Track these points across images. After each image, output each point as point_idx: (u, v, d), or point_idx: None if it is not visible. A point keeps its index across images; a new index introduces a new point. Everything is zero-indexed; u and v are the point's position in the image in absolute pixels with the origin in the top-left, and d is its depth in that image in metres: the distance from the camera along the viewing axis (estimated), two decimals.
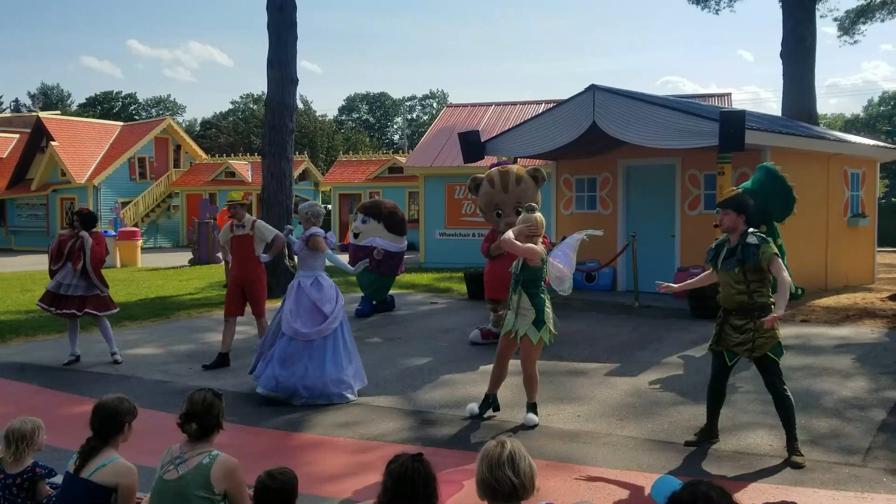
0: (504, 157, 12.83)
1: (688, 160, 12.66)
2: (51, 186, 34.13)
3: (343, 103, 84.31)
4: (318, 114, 68.74)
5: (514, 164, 10.89)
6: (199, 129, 69.70)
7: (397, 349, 9.17)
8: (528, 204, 6.58)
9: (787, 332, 8.09)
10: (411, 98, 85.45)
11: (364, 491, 4.70)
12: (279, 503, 3.32)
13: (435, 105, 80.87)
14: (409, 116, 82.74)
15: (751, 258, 5.12)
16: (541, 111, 14.63)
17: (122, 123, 39.87)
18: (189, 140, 38.95)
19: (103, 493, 3.54)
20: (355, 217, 12.08)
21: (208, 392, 3.66)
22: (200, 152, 39.18)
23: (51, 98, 73.75)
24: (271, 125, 15.01)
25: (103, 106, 72.76)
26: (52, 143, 33.08)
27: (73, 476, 3.58)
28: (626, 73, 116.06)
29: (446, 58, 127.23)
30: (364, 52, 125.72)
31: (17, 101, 76.19)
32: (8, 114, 55.08)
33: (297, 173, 32.27)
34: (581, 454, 5.41)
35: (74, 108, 71.19)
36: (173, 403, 6.61)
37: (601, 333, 9.91)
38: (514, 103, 23.31)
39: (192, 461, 3.48)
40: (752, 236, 5.25)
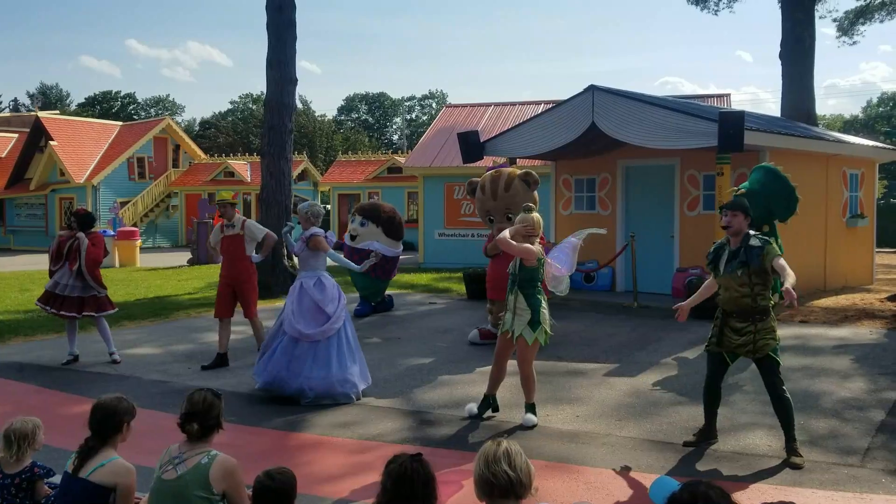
0: (501, 160, 12.82)
1: (687, 161, 12.67)
2: (50, 186, 34.10)
3: (342, 103, 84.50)
4: (317, 114, 68.72)
5: (512, 165, 10.89)
6: (198, 128, 69.68)
7: (396, 349, 9.17)
8: (525, 204, 6.58)
9: (785, 332, 8.09)
10: (410, 98, 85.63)
11: (362, 491, 4.70)
12: (278, 503, 3.32)
13: (434, 105, 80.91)
14: (408, 116, 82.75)
15: (755, 259, 5.13)
16: (540, 111, 14.63)
17: (120, 123, 39.81)
18: (188, 140, 38.93)
19: (102, 493, 3.53)
20: (353, 218, 12.04)
21: (208, 392, 3.66)
22: (199, 152, 39.14)
23: (50, 98, 73.74)
24: (270, 125, 15.01)
25: (102, 106, 72.73)
26: (51, 142, 33.06)
27: (72, 476, 3.58)
28: (625, 73, 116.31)
29: (446, 58, 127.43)
30: (363, 53, 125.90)
31: (16, 100, 76.24)
32: (7, 113, 55.00)
33: (296, 173, 32.29)
34: (580, 455, 5.41)
35: (73, 107, 71.15)
36: (172, 403, 6.61)
37: (600, 334, 9.92)
38: (513, 104, 23.32)
39: (191, 461, 3.48)
40: (755, 238, 5.27)
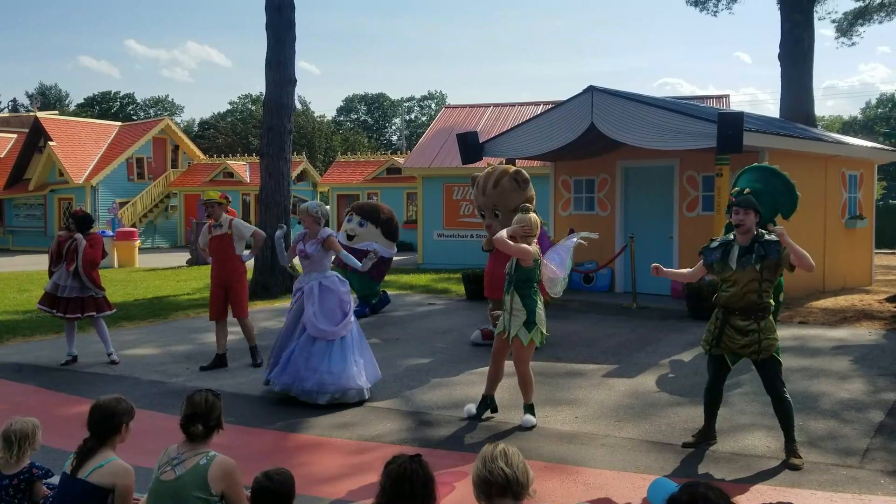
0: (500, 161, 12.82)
1: (686, 162, 12.67)
2: (48, 186, 34.08)
3: (341, 104, 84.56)
4: (316, 114, 68.75)
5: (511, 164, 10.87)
6: (197, 129, 69.68)
7: (395, 350, 9.16)
8: (522, 204, 6.58)
9: (784, 333, 8.10)
10: (409, 99, 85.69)
11: (361, 492, 4.70)
12: None
13: (433, 106, 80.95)
14: (407, 117, 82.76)
15: (774, 253, 5.13)
16: (539, 112, 14.64)
17: (119, 124, 39.77)
18: (187, 140, 38.90)
19: (100, 494, 3.53)
20: (349, 218, 11.94)
21: (208, 393, 3.65)
22: (198, 153, 39.12)
23: (49, 98, 73.72)
24: (269, 126, 15.01)
25: (101, 106, 72.72)
26: (50, 143, 33.03)
27: (70, 477, 3.57)
28: (624, 74, 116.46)
29: (445, 58, 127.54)
30: (362, 53, 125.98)
31: (14, 100, 76.26)
32: (6, 114, 54.94)
33: (295, 174, 32.31)
34: (578, 456, 5.40)
35: (72, 108, 71.15)
36: (171, 404, 6.61)
37: (599, 334, 9.92)
38: (512, 104, 23.33)
39: (190, 462, 3.47)
40: (768, 235, 5.30)
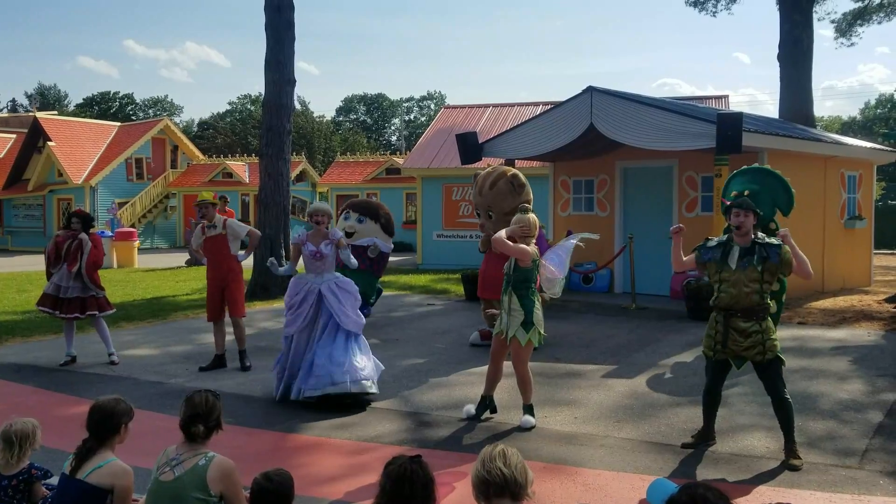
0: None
1: (685, 162, 12.68)
2: (47, 187, 34.04)
3: (340, 104, 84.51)
4: (315, 115, 68.68)
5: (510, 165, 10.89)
6: (196, 129, 69.64)
7: (394, 351, 9.16)
8: (521, 205, 6.59)
9: (783, 334, 8.10)
10: (409, 99, 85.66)
11: (360, 492, 4.69)
12: None
13: (433, 106, 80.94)
14: (406, 118, 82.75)
15: (774, 256, 5.16)
16: (538, 113, 14.64)
17: (119, 124, 39.70)
18: (186, 141, 38.86)
19: (99, 495, 3.53)
20: (346, 215, 11.90)
21: (208, 393, 3.66)
22: (198, 153, 39.09)
23: (48, 98, 73.66)
24: (268, 126, 15.00)
25: (100, 106, 72.68)
26: (49, 143, 32.99)
27: (69, 477, 3.57)
28: (623, 74, 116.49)
29: (444, 59, 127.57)
30: (362, 54, 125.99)
31: (13, 101, 76.20)
32: (5, 114, 54.92)
33: (294, 174, 32.26)
34: (578, 456, 5.40)
35: (71, 108, 71.10)
36: (170, 405, 6.61)
37: (598, 335, 9.93)
38: (511, 105, 23.33)
39: (189, 463, 3.47)
40: (768, 237, 5.33)
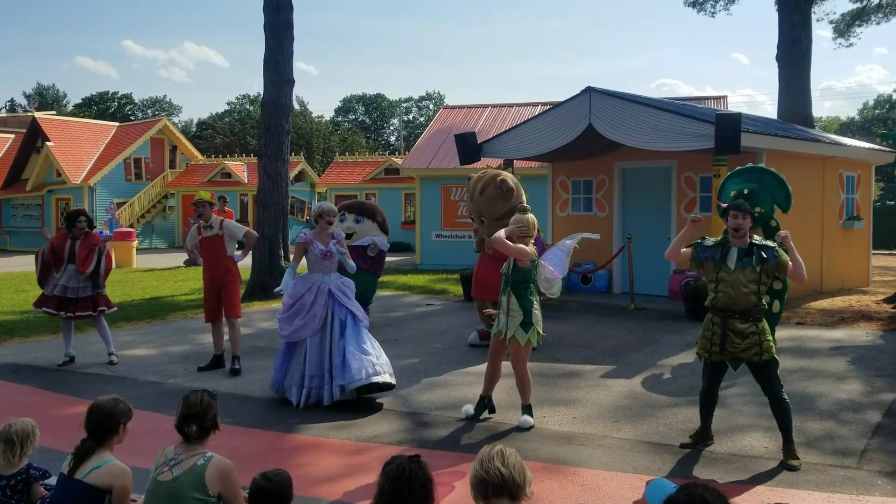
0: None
1: (684, 162, 12.69)
2: (46, 187, 34.00)
3: (339, 104, 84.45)
4: (314, 115, 68.69)
5: (507, 167, 10.88)
6: (194, 129, 69.59)
7: (393, 351, 9.12)
8: (520, 205, 6.60)
9: (782, 334, 8.11)
10: (408, 99, 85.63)
11: (359, 492, 4.69)
12: None
13: (431, 106, 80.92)
14: (405, 118, 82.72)
15: (772, 259, 5.19)
16: (537, 113, 14.64)
17: (117, 124, 39.67)
18: (185, 141, 38.84)
19: (98, 495, 3.53)
20: (342, 217, 11.88)
21: (204, 393, 3.66)
22: (196, 153, 39.07)
23: (46, 98, 73.56)
24: (267, 126, 15.00)
25: (99, 106, 72.63)
26: (48, 143, 32.96)
27: (68, 477, 3.57)
28: (622, 75, 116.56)
29: (443, 59, 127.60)
30: (360, 54, 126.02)
31: (12, 101, 76.01)
32: (3, 114, 54.82)
33: (293, 174, 32.24)
34: (576, 456, 5.40)
35: (70, 108, 71.03)
36: (168, 405, 6.61)
37: (597, 335, 9.93)
38: (510, 105, 23.33)
39: (187, 463, 3.47)
40: (765, 240, 5.38)
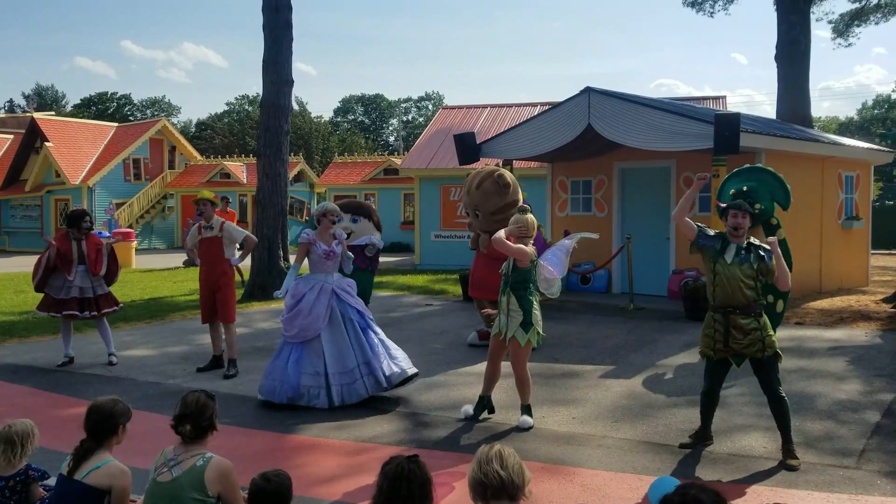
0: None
1: (683, 163, 12.69)
2: (45, 187, 33.98)
3: (338, 105, 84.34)
4: (313, 115, 68.65)
5: (506, 166, 10.87)
6: (194, 130, 69.56)
7: None
8: (520, 205, 6.60)
9: (781, 334, 8.10)
10: (407, 100, 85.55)
11: (358, 493, 4.70)
12: None
13: (430, 107, 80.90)
14: (404, 118, 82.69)
15: (769, 258, 5.26)
16: (536, 113, 14.64)
17: (116, 124, 39.67)
18: (184, 141, 38.82)
19: (97, 496, 3.53)
20: (339, 218, 11.90)
21: (201, 393, 3.66)
22: (195, 153, 39.05)
23: (45, 99, 73.48)
24: (266, 127, 15.00)
25: (98, 107, 72.58)
26: (47, 143, 32.94)
27: (67, 478, 3.57)
28: (621, 75, 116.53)
29: (442, 59, 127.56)
30: (359, 54, 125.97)
31: (11, 101, 75.98)
32: (2, 114, 54.78)
33: (292, 175, 32.24)
34: (575, 457, 5.40)
35: (69, 108, 70.97)
36: (167, 405, 6.59)
37: (596, 336, 9.93)
38: (509, 105, 23.35)
39: (186, 463, 3.47)
40: (766, 238, 5.44)
